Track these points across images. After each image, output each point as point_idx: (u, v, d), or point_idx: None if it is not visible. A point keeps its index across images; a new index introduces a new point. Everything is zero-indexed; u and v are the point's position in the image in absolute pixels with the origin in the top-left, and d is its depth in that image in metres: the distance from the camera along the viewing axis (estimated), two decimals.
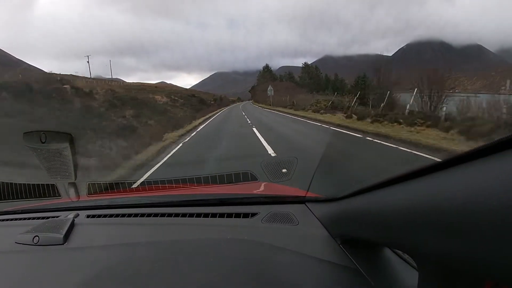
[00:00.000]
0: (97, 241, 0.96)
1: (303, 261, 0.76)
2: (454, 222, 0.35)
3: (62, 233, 0.94)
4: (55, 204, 1.35)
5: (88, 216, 1.13)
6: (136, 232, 1.03)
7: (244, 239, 0.87)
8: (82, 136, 8.98)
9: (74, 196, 1.29)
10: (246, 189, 1.45)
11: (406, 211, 0.45)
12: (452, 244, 0.36)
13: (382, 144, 6.89)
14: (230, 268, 0.74)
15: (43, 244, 0.92)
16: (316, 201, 1.07)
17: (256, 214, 1.02)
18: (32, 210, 1.32)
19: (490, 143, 0.34)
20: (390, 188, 0.52)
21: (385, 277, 0.72)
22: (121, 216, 1.12)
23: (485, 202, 0.32)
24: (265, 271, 0.72)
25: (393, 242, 0.56)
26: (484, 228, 0.32)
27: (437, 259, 0.42)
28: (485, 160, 0.35)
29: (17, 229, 1.03)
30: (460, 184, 0.37)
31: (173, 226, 1.04)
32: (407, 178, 0.47)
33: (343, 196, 0.80)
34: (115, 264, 0.80)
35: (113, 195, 1.55)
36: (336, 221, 0.84)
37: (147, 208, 1.18)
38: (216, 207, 1.10)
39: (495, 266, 0.31)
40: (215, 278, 0.70)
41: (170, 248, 0.87)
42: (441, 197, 0.38)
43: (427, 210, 0.40)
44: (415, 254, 0.52)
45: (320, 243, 0.84)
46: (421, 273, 0.53)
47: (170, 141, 9.58)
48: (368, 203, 0.62)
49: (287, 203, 1.12)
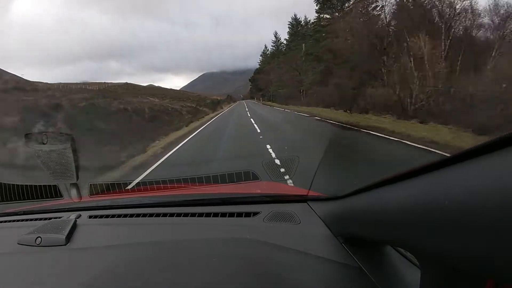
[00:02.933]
0: (100, 241, 0.97)
1: (306, 260, 0.76)
2: (455, 220, 0.35)
3: (64, 233, 0.94)
4: (57, 205, 1.35)
5: (90, 217, 1.13)
6: (138, 232, 1.03)
7: (246, 239, 0.87)
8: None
9: (76, 197, 1.29)
10: (248, 188, 1.45)
11: (408, 209, 0.45)
12: (454, 242, 0.36)
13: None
14: (232, 267, 0.74)
15: (45, 245, 0.92)
16: (318, 199, 1.07)
17: (258, 213, 1.02)
18: (34, 211, 1.33)
19: (490, 141, 0.34)
20: (392, 187, 0.52)
21: (388, 276, 0.72)
22: (123, 216, 1.13)
23: (486, 199, 0.32)
24: (267, 270, 0.72)
25: (395, 240, 0.56)
26: (485, 226, 0.32)
27: (439, 257, 0.42)
28: (486, 157, 0.35)
29: (20, 230, 1.03)
30: (461, 182, 0.37)
31: (175, 226, 1.04)
32: (409, 176, 0.47)
33: (345, 194, 0.80)
34: (117, 264, 0.80)
35: (115, 196, 1.55)
36: (338, 220, 0.84)
37: (149, 208, 1.18)
38: (218, 207, 1.11)
39: (497, 264, 0.31)
40: (218, 278, 0.70)
41: (172, 248, 0.87)
42: (442, 195, 0.38)
43: (428, 208, 0.40)
44: (417, 252, 0.52)
45: (322, 242, 0.84)
46: (423, 271, 0.53)
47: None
48: (370, 201, 0.62)
49: (289, 202, 1.12)
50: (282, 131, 9.87)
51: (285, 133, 9.30)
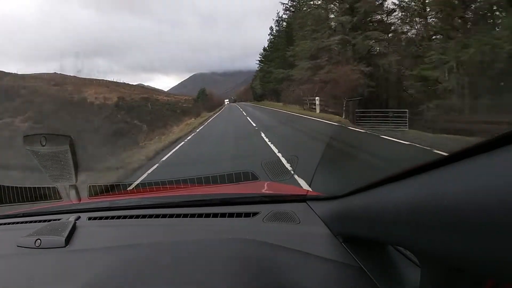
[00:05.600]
0: (99, 243, 0.97)
1: (305, 259, 0.76)
2: (454, 219, 0.35)
3: (64, 235, 0.94)
4: (56, 207, 1.35)
5: (89, 218, 1.13)
6: (137, 233, 1.03)
7: (246, 239, 0.87)
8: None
9: (75, 199, 1.29)
10: (247, 188, 1.45)
11: (408, 208, 0.45)
12: (453, 241, 0.36)
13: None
14: (232, 268, 0.74)
15: (45, 247, 0.92)
16: (317, 199, 1.07)
17: (258, 213, 1.02)
18: (34, 213, 1.32)
19: (490, 139, 0.34)
20: (391, 185, 0.52)
21: (388, 275, 0.72)
22: (123, 217, 1.12)
23: (485, 198, 0.32)
24: (267, 271, 0.72)
25: (395, 239, 0.56)
26: (484, 225, 0.32)
27: (439, 256, 0.42)
28: (485, 156, 0.34)
29: (19, 232, 1.03)
30: (460, 181, 0.37)
31: (175, 227, 1.04)
32: (408, 175, 0.47)
33: (344, 194, 0.80)
34: (117, 266, 0.80)
35: (114, 197, 1.55)
36: (337, 219, 0.84)
37: (148, 209, 1.18)
38: (217, 207, 1.10)
39: (497, 264, 0.31)
40: (217, 279, 0.70)
41: (172, 249, 0.87)
42: (441, 193, 0.38)
43: (428, 207, 0.40)
44: (417, 251, 0.52)
45: (322, 241, 0.84)
46: (423, 270, 0.53)
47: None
48: (369, 200, 0.62)
49: (288, 202, 1.12)
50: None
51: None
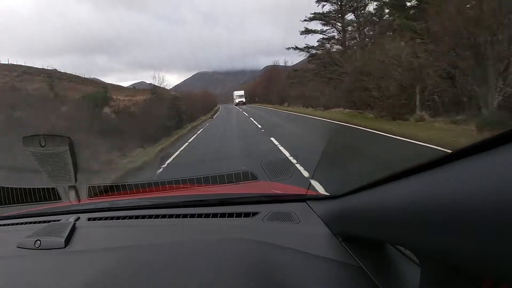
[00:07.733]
0: (99, 244, 0.96)
1: (305, 259, 0.76)
2: (455, 219, 0.35)
3: (63, 236, 0.94)
4: (56, 208, 1.34)
5: (89, 219, 1.13)
6: (137, 234, 1.03)
7: (246, 239, 0.87)
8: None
9: (75, 199, 1.29)
10: (247, 188, 1.45)
11: (407, 207, 0.45)
12: (452, 240, 0.36)
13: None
14: (232, 268, 0.74)
15: (44, 248, 0.92)
16: (317, 199, 1.07)
17: (257, 213, 1.02)
18: (33, 214, 1.32)
19: (490, 138, 0.34)
20: (391, 185, 0.52)
21: (388, 274, 0.72)
22: (122, 218, 1.12)
23: (485, 197, 0.32)
24: (267, 271, 0.72)
25: (394, 238, 0.56)
26: (483, 224, 0.32)
27: (439, 255, 0.42)
28: (485, 155, 0.34)
29: (19, 233, 1.03)
30: (460, 180, 0.37)
31: (174, 227, 1.04)
32: (408, 174, 0.47)
33: (343, 193, 0.80)
34: (116, 266, 0.80)
35: (114, 197, 1.55)
36: (337, 219, 0.84)
37: (148, 209, 1.18)
38: (217, 207, 1.10)
39: (496, 263, 0.31)
40: (217, 279, 0.70)
41: (171, 249, 0.87)
42: (442, 193, 0.38)
43: (428, 207, 0.40)
44: (417, 250, 0.52)
45: (322, 241, 0.84)
46: (423, 270, 0.53)
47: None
48: (369, 200, 0.62)
49: (288, 202, 1.12)
50: None
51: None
